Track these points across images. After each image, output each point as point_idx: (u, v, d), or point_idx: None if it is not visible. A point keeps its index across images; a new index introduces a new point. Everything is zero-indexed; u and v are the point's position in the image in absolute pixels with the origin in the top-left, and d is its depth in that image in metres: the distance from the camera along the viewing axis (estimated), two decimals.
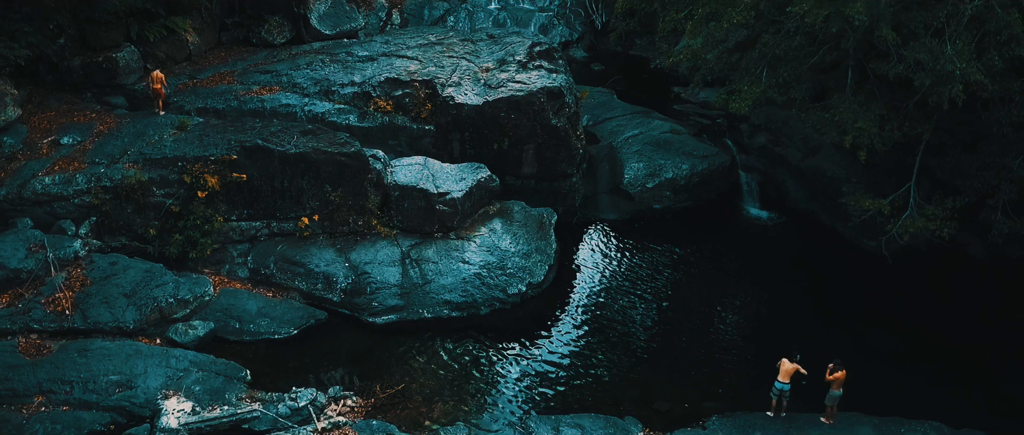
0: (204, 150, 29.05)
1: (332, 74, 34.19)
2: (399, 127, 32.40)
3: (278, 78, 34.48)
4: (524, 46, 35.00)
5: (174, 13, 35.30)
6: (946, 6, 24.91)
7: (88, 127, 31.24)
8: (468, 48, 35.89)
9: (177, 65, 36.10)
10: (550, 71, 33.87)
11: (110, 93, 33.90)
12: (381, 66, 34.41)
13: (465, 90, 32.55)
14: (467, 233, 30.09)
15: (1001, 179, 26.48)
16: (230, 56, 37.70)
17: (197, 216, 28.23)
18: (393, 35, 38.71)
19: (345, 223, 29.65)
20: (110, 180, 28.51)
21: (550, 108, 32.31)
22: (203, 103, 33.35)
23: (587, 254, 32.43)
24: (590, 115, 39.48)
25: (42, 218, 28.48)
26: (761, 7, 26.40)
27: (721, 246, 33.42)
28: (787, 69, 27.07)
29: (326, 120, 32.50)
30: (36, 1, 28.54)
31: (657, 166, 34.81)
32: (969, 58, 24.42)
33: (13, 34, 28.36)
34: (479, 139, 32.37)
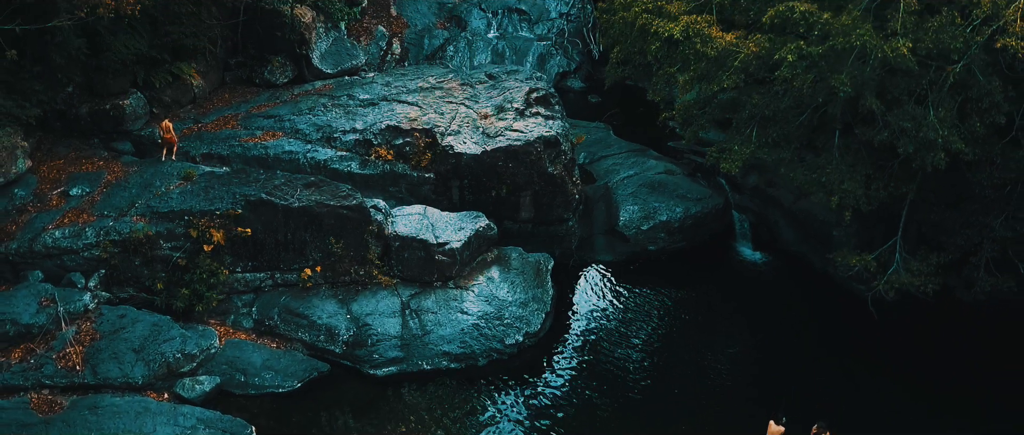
0: (210, 204, 29.88)
1: (334, 120, 35.01)
2: (400, 175, 33.23)
3: (281, 123, 35.29)
4: (521, 92, 35.82)
5: (179, 58, 36.09)
6: (929, 73, 25.72)
7: (96, 177, 32.07)
8: (467, 93, 36.71)
9: (182, 108, 36.91)
10: (547, 118, 34.71)
11: (117, 139, 34.72)
12: (382, 112, 35.23)
13: (464, 138, 33.37)
14: (466, 282, 30.94)
15: (983, 237, 27.32)
16: (234, 97, 38.51)
17: (203, 270, 29.08)
18: (393, 76, 39.51)
19: (347, 273, 30.50)
20: (118, 234, 29.34)
21: (547, 156, 33.15)
22: (208, 148, 34.15)
23: (583, 299, 33.26)
24: (586, 152, 40.29)
25: (52, 270, 29.32)
26: (751, 69, 27.19)
27: (714, 289, 34.24)
28: (776, 129, 27.90)
29: (328, 167, 33.33)
30: (47, 60, 29.29)
31: (652, 209, 35.61)
32: (951, 125, 25.24)
33: (25, 93, 29.20)
34: (478, 186, 33.22)
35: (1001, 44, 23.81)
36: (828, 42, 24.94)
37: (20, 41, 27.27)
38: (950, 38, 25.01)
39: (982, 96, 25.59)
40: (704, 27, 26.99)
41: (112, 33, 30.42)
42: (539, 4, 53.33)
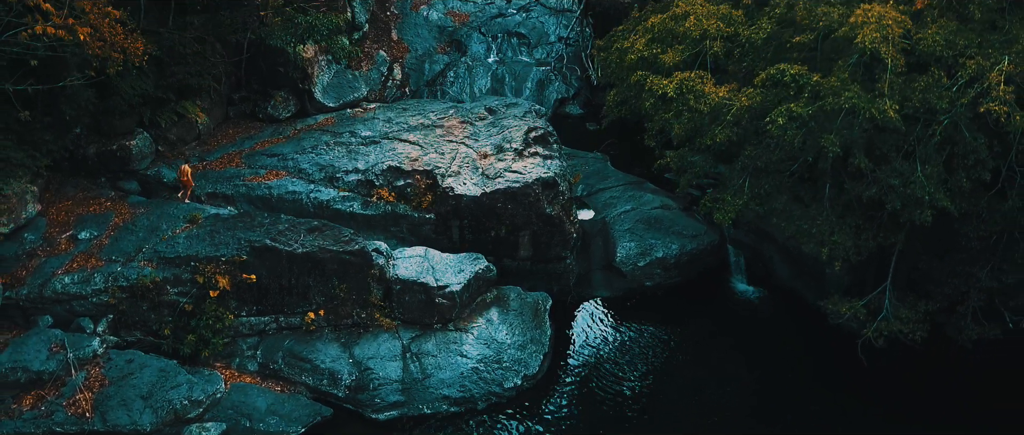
0: (215, 249, 30.63)
1: (336, 159, 35.75)
2: (401, 215, 33.98)
3: (284, 162, 36.04)
4: (520, 131, 36.56)
5: (184, 97, 36.78)
6: (916, 129, 26.45)
7: (104, 219, 32.82)
8: (467, 131, 37.45)
9: (187, 145, 37.64)
10: (545, 158, 35.45)
11: (123, 178, 35.47)
12: (383, 151, 35.97)
13: (464, 179, 34.12)
14: (466, 324, 31.72)
15: (970, 287, 28.05)
16: (237, 133, 39.24)
17: (209, 316, 29.85)
18: (394, 111, 40.25)
19: (349, 316, 31.26)
20: (126, 279, 30.09)
21: (545, 197, 33.88)
22: (213, 188, 34.91)
23: (581, 338, 34.01)
24: (585, 184, 41.01)
25: (62, 315, 30.08)
26: (743, 123, 27.91)
27: (710, 325, 34.98)
28: (768, 180, 28.62)
29: (331, 207, 34.08)
30: (57, 111, 30.03)
31: (648, 245, 36.33)
32: (937, 182, 25.97)
33: (36, 143, 29.92)
34: (478, 226, 33.97)
35: (984, 108, 24.51)
36: (818, 102, 25.64)
37: (31, 99, 27.97)
38: (936, 98, 25.76)
39: (968, 153, 26.32)
40: (697, 84, 27.71)
41: (120, 76, 31.06)
42: (538, 28, 53.98)
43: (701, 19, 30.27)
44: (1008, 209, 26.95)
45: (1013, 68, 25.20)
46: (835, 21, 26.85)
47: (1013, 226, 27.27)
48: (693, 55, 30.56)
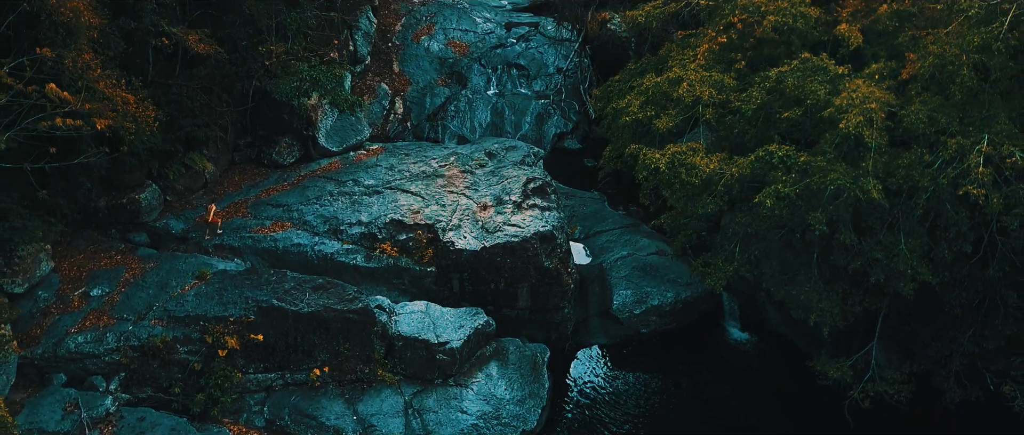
0: (224, 309, 31.79)
1: (340, 211, 36.88)
2: (403, 268, 35.12)
3: (289, 213, 37.16)
4: (519, 182, 37.67)
5: (191, 148, 37.86)
6: (900, 201, 27.57)
7: (115, 274, 33.95)
8: (467, 181, 38.56)
9: (194, 194, 38.73)
10: (543, 209, 36.57)
11: (133, 230, 36.58)
12: (386, 202, 37.09)
13: (464, 233, 35.25)
14: (466, 378, 32.91)
15: (953, 350, 29.21)
16: (243, 180, 40.33)
17: (218, 375, 31.03)
18: (397, 157, 41.32)
19: (353, 371, 32.44)
20: (137, 339, 31.25)
21: (543, 251, 35.01)
22: (220, 240, 36.04)
23: (579, 388, 35.22)
24: (582, 226, 42.16)
25: (75, 373, 31.25)
26: (734, 193, 29.01)
27: (705, 371, 36.18)
28: (758, 246, 29.74)
29: (335, 260, 35.24)
30: (71, 177, 31.12)
31: (644, 293, 37.47)
32: (920, 256, 27.09)
33: (51, 208, 31.02)
34: (477, 279, 35.11)
35: (963, 191, 25.61)
36: (805, 180, 26.74)
37: (48, 173, 29.05)
38: (919, 175, 26.85)
39: (949, 225, 27.43)
40: (689, 157, 28.78)
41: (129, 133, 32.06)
42: (537, 58, 55.00)
43: (694, 84, 31.32)
44: (989, 277, 28.06)
45: (992, 149, 26.25)
46: (822, 99, 27.90)
47: (994, 293, 28.36)
48: (685, 119, 31.59)
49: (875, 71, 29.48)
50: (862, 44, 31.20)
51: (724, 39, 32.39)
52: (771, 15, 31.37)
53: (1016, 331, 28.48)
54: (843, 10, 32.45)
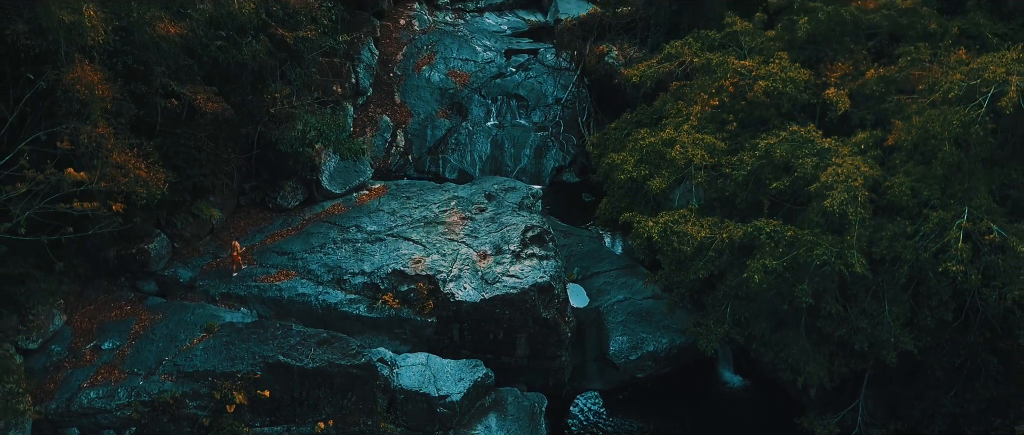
0: (231, 364, 33.11)
1: (343, 260, 38.15)
2: (404, 319, 36.41)
3: (293, 261, 38.44)
4: (518, 230, 38.92)
5: (198, 196, 39.08)
6: (884, 268, 28.83)
7: (125, 326, 35.27)
8: (467, 228, 39.82)
9: (201, 241, 40.01)
10: (541, 259, 37.83)
11: (142, 279, 37.88)
12: (388, 250, 38.33)
13: (464, 284, 36.52)
14: (465, 430, 34.31)
15: (936, 411, 30.50)
16: (248, 225, 41.60)
17: (226, 430, 32.35)
18: (399, 200, 42.54)
19: (356, 424, 33.76)
20: (148, 394, 32.59)
21: (540, 302, 36.29)
22: (227, 288, 37.36)
23: (577, 433, 36.51)
24: (580, 267, 43.33)
25: (87, 427, 32.60)
26: (724, 258, 30.28)
27: (698, 416, 37.53)
28: (748, 309, 31.01)
29: (338, 310, 36.54)
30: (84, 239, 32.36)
31: (640, 339, 38.72)
32: (903, 324, 28.38)
33: (66, 269, 32.30)
34: (477, 329, 36.41)
35: (942, 268, 26.87)
36: (792, 253, 28.02)
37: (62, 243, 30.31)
38: (901, 247, 28.12)
39: (932, 294, 28.69)
40: (681, 225, 30.02)
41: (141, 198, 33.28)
42: (537, 89, 56.15)
43: (687, 146, 32.52)
44: (971, 342, 29.33)
45: (971, 224, 27.50)
46: (809, 172, 29.12)
47: (975, 357, 29.64)
48: (678, 179, 32.80)
49: (861, 141, 30.69)
50: (850, 109, 32.33)
51: (716, 102, 33.60)
52: (762, 80, 32.56)
53: (996, 394, 29.76)
54: (832, 74, 33.62)
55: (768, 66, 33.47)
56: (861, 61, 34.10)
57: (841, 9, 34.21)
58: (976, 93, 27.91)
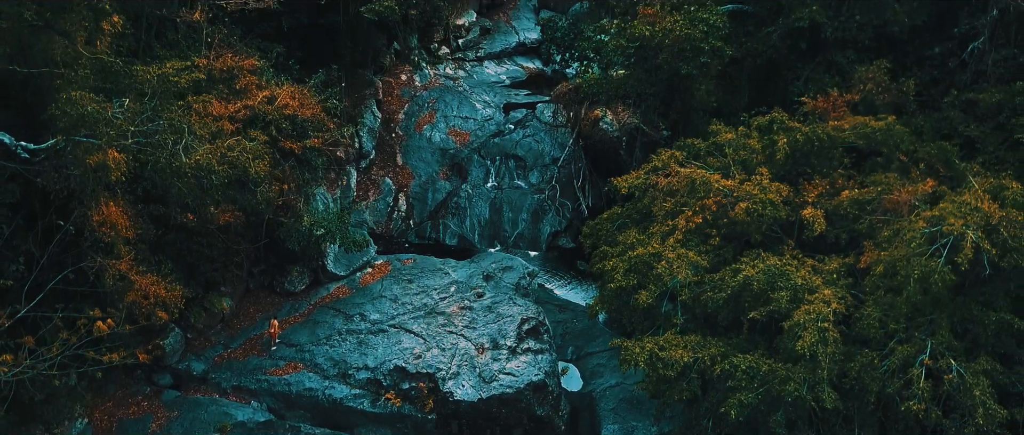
0: None
1: (348, 354, 40.89)
2: (406, 415, 39.18)
3: (301, 353, 41.21)
4: (515, 323, 41.63)
5: (211, 289, 41.80)
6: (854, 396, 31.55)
7: (143, 425, 38.08)
8: (466, 318, 42.51)
9: (212, 330, 42.75)
10: (537, 353, 40.59)
11: (157, 372, 40.66)
12: (390, 343, 41.05)
13: (463, 382, 39.27)
14: None
15: None
16: (257, 311, 44.31)
17: None
18: (400, 284, 45.20)
19: None
20: None
21: (535, 401, 39.08)
22: (238, 381, 40.16)
23: None
24: (574, 346, 46.07)
25: None
26: (706, 377, 33.00)
27: None
28: (728, 426, 33.74)
29: (343, 405, 39.33)
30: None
31: (631, 427, 41.29)
32: None
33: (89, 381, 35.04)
34: (475, 425, 39.19)
35: (905, 408, 29.60)
36: (765, 387, 30.75)
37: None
38: (869, 379, 30.84)
39: (899, 419, 31.42)
40: (666, 352, 32.67)
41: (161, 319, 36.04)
42: (534, 148, 58.57)
43: (672, 263, 35.11)
44: None
45: (932, 362, 30.22)
46: (784, 308, 31.79)
47: None
48: (662, 293, 35.40)
49: (834, 270, 33.30)
50: (825, 229, 34.91)
51: (699, 219, 36.13)
52: (743, 201, 35.10)
53: None
54: (810, 191, 36.16)
55: (749, 183, 35.97)
56: (838, 178, 36.61)
57: (817, 129, 36.69)
58: (936, 242, 30.48)
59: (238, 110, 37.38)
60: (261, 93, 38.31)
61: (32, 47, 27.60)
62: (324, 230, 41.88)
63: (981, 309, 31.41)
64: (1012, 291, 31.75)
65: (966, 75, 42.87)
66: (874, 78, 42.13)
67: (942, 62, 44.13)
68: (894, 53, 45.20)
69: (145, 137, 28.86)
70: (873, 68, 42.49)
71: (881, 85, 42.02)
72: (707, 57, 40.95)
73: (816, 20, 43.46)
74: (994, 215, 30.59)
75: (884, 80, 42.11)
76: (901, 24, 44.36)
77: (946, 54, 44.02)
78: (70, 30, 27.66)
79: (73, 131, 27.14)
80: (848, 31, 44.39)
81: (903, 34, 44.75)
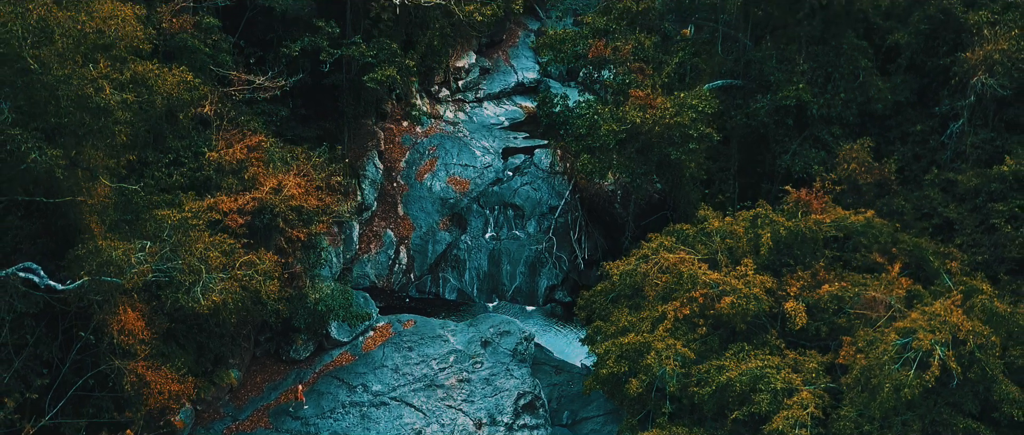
0: None
1: (351, 428, 43.26)
2: None
3: (306, 427, 43.59)
4: (511, 397, 44.00)
5: (220, 364, 44.05)
6: None
7: None
8: (465, 391, 44.82)
9: (221, 401, 45.04)
10: (533, 428, 42.98)
11: None
12: (392, 418, 43.40)
13: None
14: None
15: None
16: (264, 380, 46.60)
17: None
18: (401, 353, 47.39)
19: None
20: None
21: None
22: None
23: None
24: (569, 411, 48.29)
25: None
26: None
27: None
28: None
29: None
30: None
31: None
32: None
33: None
34: None
35: None
36: None
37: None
38: None
39: None
40: None
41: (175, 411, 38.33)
42: (532, 197, 60.54)
43: (660, 353, 37.35)
44: None
45: None
46: (764, 410, 34.06)
47: None
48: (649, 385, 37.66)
49: (812, 370, 35.56)
50: (806, 322, 37.11)
51: (687, 310, 38.32)
52: (728, 295, 37.30)
53: None
54: (793, 284, 38.33)
55: (735, 275, 38.15)
56: (819, 270, 38.77)
57: (800, 223, 38.84)
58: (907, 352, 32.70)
59: (247, 203, 39.40)
60: (268, 183, 40.31)
61: (60, 182, 29.68)
62: (326, 306, 43.97)
63: (951, 413, 33.62)
64: (981, 393, 33.90)
65: (946, 154, 44.87)
66: (857, 158, 44.17)
67: (924, 139, 46.11)
68: (878, 128, 47.30)
69: (165, 274, 30.98)
70: (856, 147, 44.48)
71: (864, 165, 44.04)
72: (696, 143, 42.97)
73: (802, 99, 45.38)
74: (962, 327, 32.72)
75: (867, 160, 44.14)
76: (885, 101, 46.36)
77: (928, 132, 45.99)
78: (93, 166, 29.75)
79: (98, 272, 29.29)
80: (833, 108, 46.36)
81: (887, 110, 46.74)
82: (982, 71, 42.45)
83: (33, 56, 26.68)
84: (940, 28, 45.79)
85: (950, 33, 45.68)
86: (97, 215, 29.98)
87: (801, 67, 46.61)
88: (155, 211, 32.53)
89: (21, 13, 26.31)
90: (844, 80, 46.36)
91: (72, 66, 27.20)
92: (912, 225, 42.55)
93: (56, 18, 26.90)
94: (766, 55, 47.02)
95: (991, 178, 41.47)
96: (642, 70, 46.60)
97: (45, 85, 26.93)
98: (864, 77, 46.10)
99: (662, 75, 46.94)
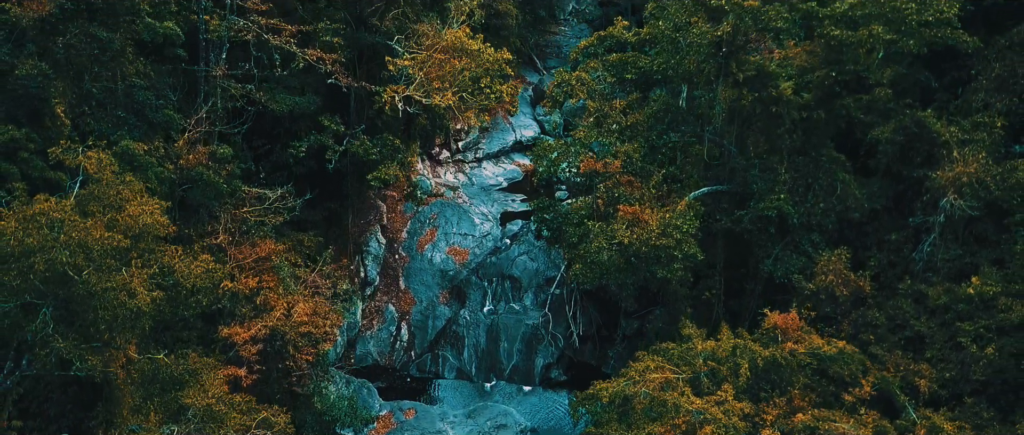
0: None
1: None
2: None
3: None
4: None
5: None
6: None
7: None
8: None
9: None
10: None
11: None
12: None
13: None
14: None
15: None
16: None
17: None
18: None
19: None
20: None
21: None
22: None
23: None
24: None
25: None
26: None
27: None
28: None
29: None
30: None
31: None
32: None
33: None
34: None
35: None
36: None
37: None
38: None
39: None
40: None
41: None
42: (530, 268, 63.83)
43: None
44: None
45: None
46: None
47: None
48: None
49: None
50: None
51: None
52: (709, 424, 40.95)
53: None
54: (770, 413, 41.98)
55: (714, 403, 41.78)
56: (795, 397, 42.41)
57: (776, 352, 42.45)
58: None
59: (259, 330, 42.89)
60: (279, 307, 43.77)
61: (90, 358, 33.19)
62: (332, 417, 47.61)
63: None
64: None
65: (919, 265, 48.30)
66: (834, 269, 47.64)
67: (899, 247, 49.44)
68: (855, 234, 50.62)
69: None
70: (834, 259, 47.88)
71: (841, 277, 47.48)
72: (680, 263, 46.47)
73: (783, 209, 48.77)
74: None
75: (844, 272, 47.56)
76: (861, 209, 49.68)
77: (902, 241, 49.35)
78: (122, 344, 33.25)
79: None
80: (813, 217, 49.72)
81: (863, 217, 50.11)
82: (952, 192, 45.62)
83: (72, 266, 30.07)
84: (914, 139, 48.85)
85: (924, 145, 48.73)
86: (126, 391, 33.40)
87: (783, 177, 49.85)
88: (178, 393, 35.85)
89: (60, 238, 29.67)
90: (823, 191, 49.60)
91: (108, 275, 30.54)
92: (885, 338, 45.89)
93: (94, 238, 30.25)
94: (749, 164, 50.30)
95: (959, 297, 44.65)
96: (631, 183, 49.91)
97: (84, 295, 30.32)
98: (842, 189, 49.26)
99: (650, 185, 50.27)
